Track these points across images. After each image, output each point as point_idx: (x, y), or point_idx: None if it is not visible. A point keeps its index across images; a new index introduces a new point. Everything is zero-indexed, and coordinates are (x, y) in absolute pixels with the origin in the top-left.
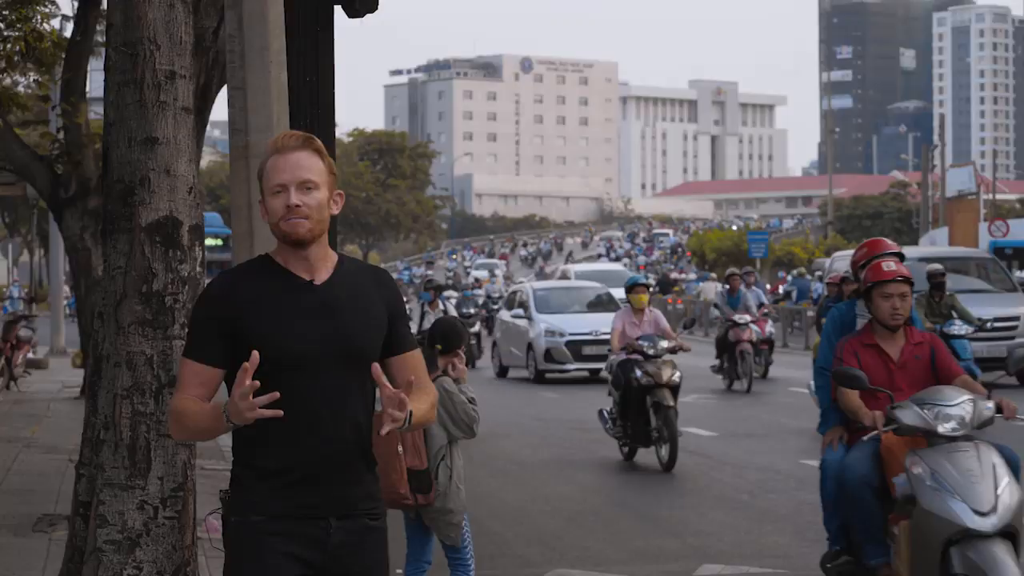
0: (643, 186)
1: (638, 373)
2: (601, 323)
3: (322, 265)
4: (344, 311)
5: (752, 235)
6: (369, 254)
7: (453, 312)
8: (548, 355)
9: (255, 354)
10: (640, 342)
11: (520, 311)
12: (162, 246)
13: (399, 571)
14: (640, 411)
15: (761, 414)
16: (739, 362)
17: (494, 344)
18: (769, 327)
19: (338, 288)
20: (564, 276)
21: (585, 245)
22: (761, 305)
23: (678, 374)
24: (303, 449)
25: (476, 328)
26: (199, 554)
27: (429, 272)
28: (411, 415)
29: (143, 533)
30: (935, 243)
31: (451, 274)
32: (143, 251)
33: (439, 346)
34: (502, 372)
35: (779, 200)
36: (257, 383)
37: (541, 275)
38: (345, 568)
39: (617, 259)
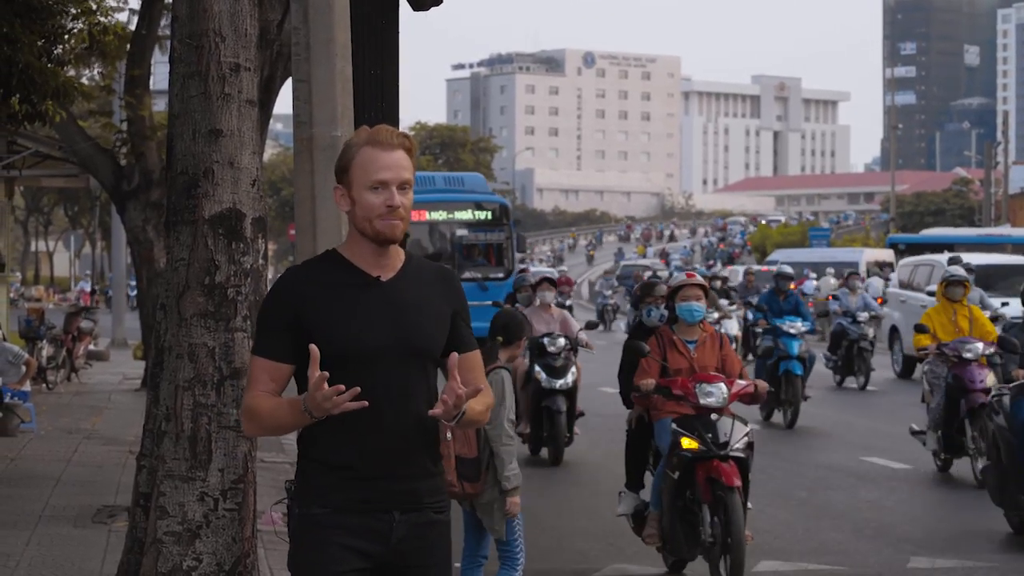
0: (704, 182)
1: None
2: None
3: (392, 262)
4: (409, 308)
5: (814, 231)
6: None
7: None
8: None
9: (314, 349)
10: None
11: None
12: (225, 238)
13: (456, 565)
14: None
15: (821, 410)
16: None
17: None
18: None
19: (404, 285)
20: None
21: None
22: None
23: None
24: (367, 444)
25: None
26: (259, 546)
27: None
28: (463, 413)
29: (203, 525)
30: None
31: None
32: (206, 243)
33: (500, 338)
34: None
35: (841, 196)
36: (326, 373)
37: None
38: (408, 561)
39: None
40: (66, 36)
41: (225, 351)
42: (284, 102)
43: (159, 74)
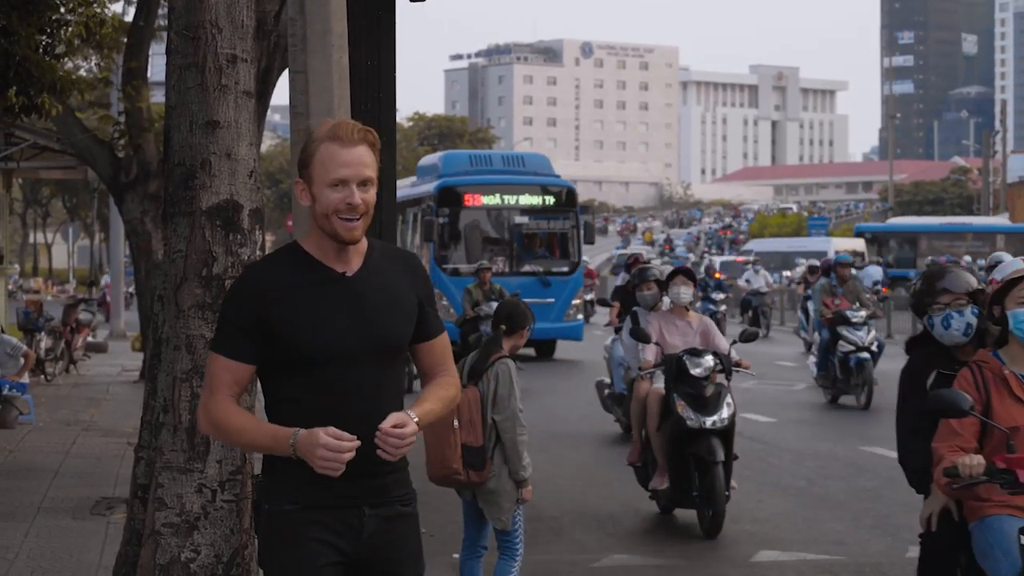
0: (703, 171)
1: None
2: None
3: (355, 257)
4: (376, 304)
5: (812, 220)
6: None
7: None
8: None
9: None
10: None
11: None
12: (222, 229)
13: (455, 555)
14: None
15: (820, 399)
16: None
17: None
18: None
19: (369, 278)
20: None
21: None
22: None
23: None
24: None
25: None
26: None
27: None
28: (417, 423)
29: (201, 516)
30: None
31: None
32: (203, 234)
33: (503, 327)
34: None
35: (839, 186)
36: (357, 443)
37: None
38: (379, 555)
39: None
40: (63, 29)
41: None
42: (281, 93)
43: (156, 66)
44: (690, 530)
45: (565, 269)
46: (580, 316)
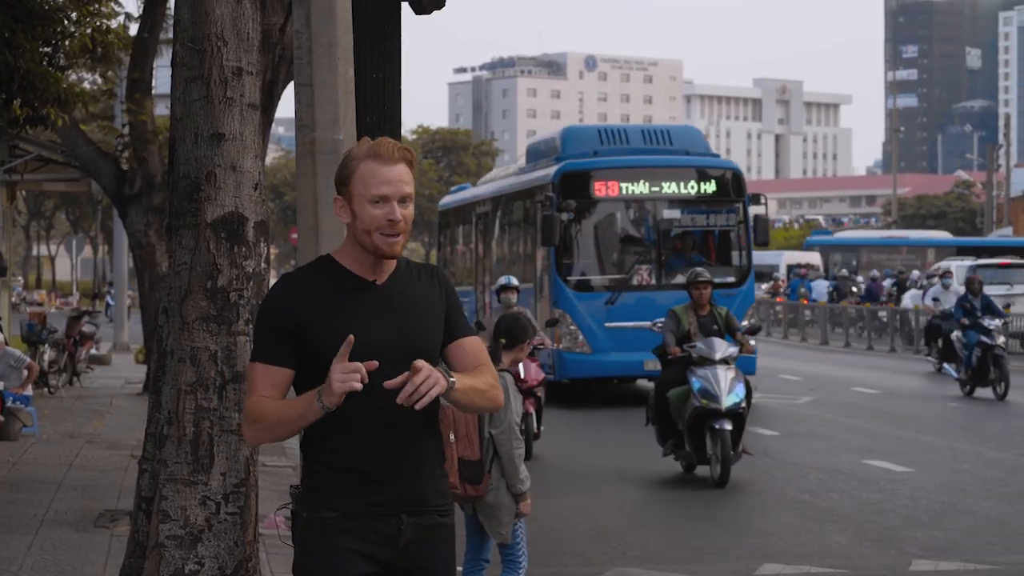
0: None
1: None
2: None
3: (387, 267)
4: (407, 309)
5: (816, 233)
6: (431, 252)
7: None
8: None
9: (351, 337)
10: None
11: None
12: (227, 242)
13: (459, 568)
14: None
15: (824, 414)
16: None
17: None
18: None
19: (399, 287)
20: None
21: None
22: None
23: None
24: (376, 446)
25: None
26: (260, 550)
27: None
28: (452, 385)
29: (205, 528)
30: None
31: None
32: (208, 247)
33: (503, 340)
34: None
35: (843, 199)
36: (374, 364)
37: None
38: (415, 564)
39: None
40: (67, 41)
41: (227, 355)
42: (286, 106)
43: (161, 78)
44: (693, 542)
45: (731, 279)
46: (752, 342)
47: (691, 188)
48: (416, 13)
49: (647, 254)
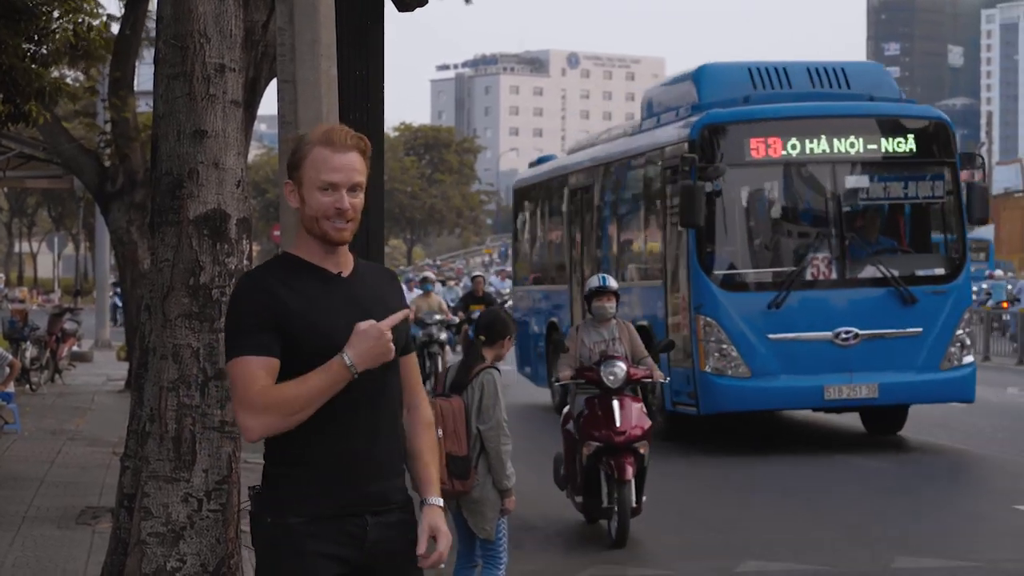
0: None
1: None
2: None
3: (346, 260)
4: (374, 306)
5: None
6: (413, 249)
7: None
8: None
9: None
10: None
11: None
12: (210, 239)
13: (442, 566)
14: None
15: (810, 412)
16: None
17: None
18: None
19: (365, 282)
20: None
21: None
22: None
23: None
24: (345, 446)
25: None
26: (242, 547)
27: None
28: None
29: (187, 526)
30: None
31: None
32: (191, 244)
33: (483, 336)
34: None
35: None
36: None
37: None
38: (381, 562)
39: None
40: (49, 37)
41: (209, 352)
42: (269, 103)
43: (143, 75)
44: (674, 539)
45: (940, 271)
46: (968, 357)
47: (883, 146)
48: (399, 10)
49: (824, 238)
